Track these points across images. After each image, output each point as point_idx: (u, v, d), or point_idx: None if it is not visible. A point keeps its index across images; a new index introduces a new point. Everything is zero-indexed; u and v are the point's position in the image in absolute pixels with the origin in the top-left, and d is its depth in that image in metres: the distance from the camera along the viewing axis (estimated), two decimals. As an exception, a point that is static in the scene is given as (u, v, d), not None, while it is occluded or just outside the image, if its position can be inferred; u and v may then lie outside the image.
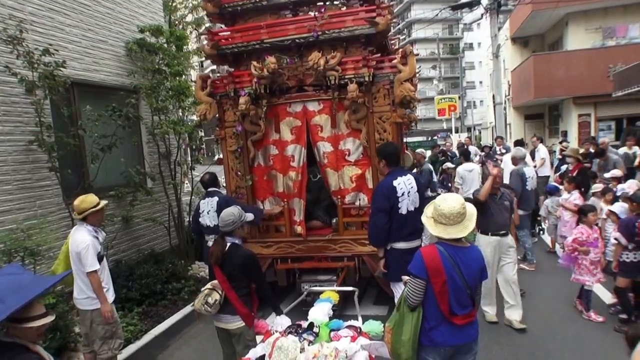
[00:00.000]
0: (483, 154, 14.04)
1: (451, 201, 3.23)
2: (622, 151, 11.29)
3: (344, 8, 6.12)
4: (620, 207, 6.27)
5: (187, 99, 8.51)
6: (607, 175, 8.66)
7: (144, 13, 8.66)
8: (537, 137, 12.95)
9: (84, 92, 7.07)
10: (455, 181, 9.85)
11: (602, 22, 19.97)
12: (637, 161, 10.67)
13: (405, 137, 9.51)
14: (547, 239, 9.39)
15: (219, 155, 7.70)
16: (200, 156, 11.25)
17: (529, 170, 8.02)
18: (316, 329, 3.52)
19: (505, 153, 12.70)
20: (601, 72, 17.83)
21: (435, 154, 13.77)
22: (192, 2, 15.75)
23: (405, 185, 4.86)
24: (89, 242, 4.36)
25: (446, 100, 24.46)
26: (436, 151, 14.23)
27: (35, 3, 6.27)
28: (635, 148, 11.17)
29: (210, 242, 5.65)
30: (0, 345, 2.44)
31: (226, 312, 4.00)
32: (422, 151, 11.01)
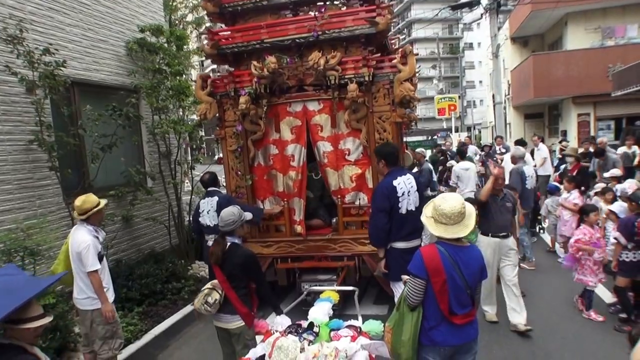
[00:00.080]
0: (483, 153, 14.05)
1: (452, 201, 3.23)
2: (622, 150, 11.31)
3: (344, 8, 6.14)
4: (619, 207, 6.28)
5: (188, 99, 8.51)
6: (607, 174, 8.68)
7: (145, 12, 8.65)
8: (539, 137, 12.96)
9: (84, 92, 7.07)
10: (451, 180, 9.84)
11: (601, 22, 20.03)
12: (637, 160, 10.69)
13: (405, 137, 9.51)
14: (547, 239, 9.40)
15: (219, 154, 7.71)
16: (200, 155, 11.26)
17: (529, 169, 8.04)
18: (316, 329, 3.52)
19: (505, 152, 12.72)
20: (600, 72, 17.86)
21: (435, 154, 13.80)
22: (193, 2, 15.74)
23: (405, 184, 4.86)
24: (90, 242, 4.35)
25: (446, 99, 24.47)
26: (437, 151, 14.27)
27: (35, 2, 6.26)
28: (634, 147, 11.19)
29: (210, 242, 5.64)
30: None
31: (226, 312, 4.01)
32: (422, 150, 11.03)
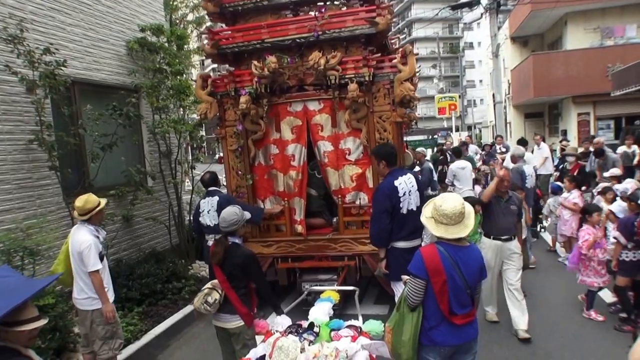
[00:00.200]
0: (484, 153, 14.07)
1: (452, 201, 3.23)
2: (622, 150, 11.33)
3: (344, 8, 6.14)
4: (618, 207, 6.28)
5: (188, 98, 8.51)
6: (607, 174, 8.69)
7: (145, 12, 8.66)
8: (540, 136, 13.00)
9: (85, 91, 7.07)
10: (447, 179, 9.87)
11: (601, 22, 20.09)
12: (636, 160, 10.69)
13: (405, 136, 9.52)
14: (548, 238, 9.40)
15: (220, 153, 7.72)
16: (200, 155, 11.26)
17: (528, 168, 8.06)
18: (316, 329, 3.52)
19: (505, 152, 12.75)
20: (600, 72, 17.88)
21: (435, 153, 13.82)
22: (193, 1, 15.74)
23: (406, 184, 4.87)
24: (91, 242, 4.35)
25: (446, 99, 24.47)
26: (437, 150, 14.29)
27: (36, 2, 6.26)
28: (634, 147, 11.19)
29: (210, 242, 5.65)
30: None
31: (225, 312, 4.01)
32: (423, 150, 11.04)
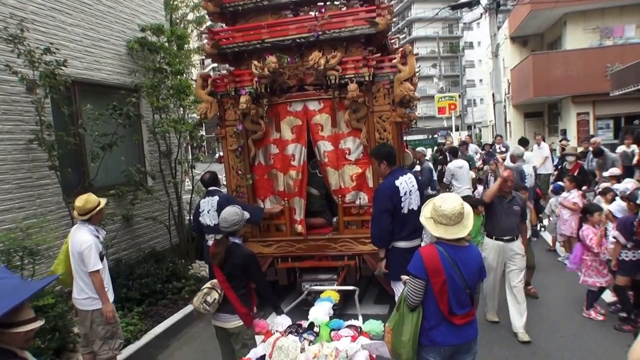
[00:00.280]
0: (484, 152, 14.06)
1: (451, 201, 3.23)
2: (621, 149, 11.35)
3: (344, 8, 6.15)
4: (617, 206, 6.27)
5: (188, 98, 8.52)
6: (606, 173, 8.70)
7: (145, 12, 8.66)
8: (541, 136, 13.04)
9: (85, 91, 7.08)
10: (445, 178, 9.92)
11: (600, 23, 20.15)
12: (636, 159, 10.71)
13: (405, 136, 9.53)
14: (548, 237, 9.41)
15: (220, 153, 7.74)
16: (200, 154, 11.26)
17: (528, 167, 8.08)
18: (316, 329, 3.52)
19: (505, 151, 12.72)
20: (599, 72, 17.90)
21: (434, 152, 13.85)
22: (193, 1, 15.73)
23: (407, 184, 4.87)
24: (92, 242, 4.35)
25: (446, 98, 24.50)
26: (436, 150, 14.32)
27: (37, 2, 6.27)
28: (633, 146, 11.21)
29: (210, 242, 5.65)
30: None
31: (225, 311, 4.02)
32: (423, 150, 11.05)
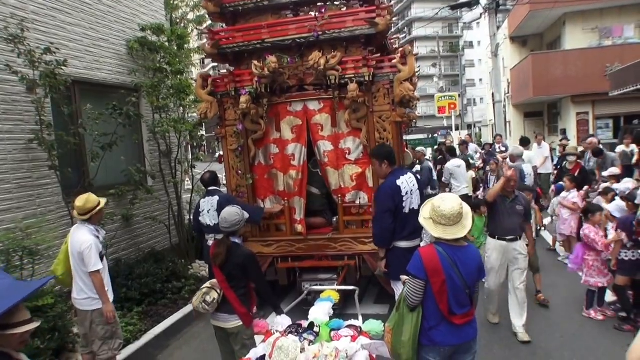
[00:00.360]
0: (484, 152, 14.07)
1: (451, 202, 3.25)
2: (620, 149, 11.36)
3: (344, 9, 6.15)
4: (615, 206, 6.27)
5: (188, 97, 8.52)
6: (605, 173, 8.70)
7: (146, 12, 8.66)
8: (542, 135, 13.07)
9: (85, 91, 7.08)
10: (444, 177, 9.97)
11: (599, 23, 20.19)
12: (635, 159, 10.71)
13: (405, 135, 9.53)
14: (548, 237, 9.41)
15: (220, 152, 7.75)
16: (200, 154, 11.25)
17: (527, 167, 8.10)
18: (316, 329, 3.53)
19: (504, 151, 12.74)
20: (598, 71, 17.89)
21: (434, 152, 13.87)
22: (194, 0, 15.70)
23: (408, 184, 4.88)
24: (92, 242, 4.34)
25: (446, 98, 24.42)
26: (436, 149, 14.34)
27: (37, 2, 6.27)
28: (632, 146, 11.22)
29: (210, 242, 5.65)
30: None
31: (224, 311, 4.02)
32: (422, 149, 11.06)
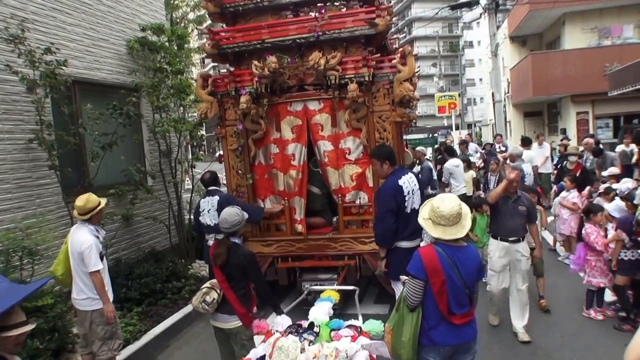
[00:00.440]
0: (484, 151, 14.08)
1: (449, 202, 3.25)
2: (620, 148, 11.38)
3: (344, 9, 6.15)
4: (614, 206, 6.28)
5: (188, 97, 8.52)
6: (605, 173, 8.71)
7: (146, 12, 8.66)
8: (543, 135, 13.12)
9: (85, 91, 7.08)
10: (443, 177, 10.01)
11: (598, 23, 20.20)
12: (635, 158, 10.73)
13: (405, 135, 9.55)
14: (548, 237, 9.40)
15: (220, 151, 7.77)
16: (199, 154, 11.25)
17: (527, 167, 8.11)
18: (316, 329, 3.53)
19: (504, 150, 12.75)
20: (598, 71, 17.88)
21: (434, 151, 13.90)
22: (194, 0, 15.71)
23: (409, 183, 4.90)
24: (92, 242, 4.34)
25: (446, 97, 24.36)
26: (435, 149, 14.36)
27: (37, 2, 6.27)
28: (632, 145, 11.24)
29: (210, 242, 5.66)
30: None
31: (223, 312, 4.03)
32: (422, 149, 11.07)
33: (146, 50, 8.13)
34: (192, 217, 6.82)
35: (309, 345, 3.34)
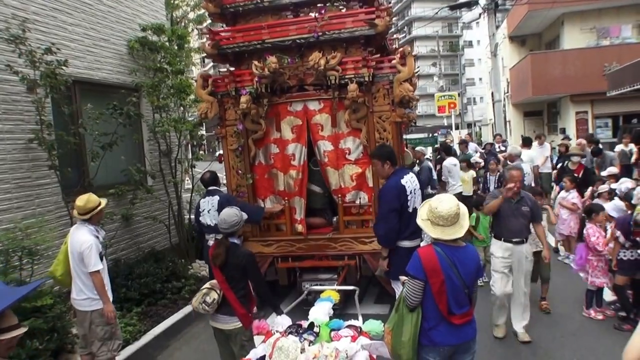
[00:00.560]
0: (484, 151, 14.09)
1: (447, 203, 3.26)
2: (619, 148, 11.40)
3: (344, 10, 6.15)
4: (612, 205, 6.28)
5: (188, 97, 8.52)
6: (604, 172, 8.72)
7: (146, 12, 8.66)
8: (544, 136, 13.16)
9: (86, 91, 7.08)
10: (443, 176, 10.11)
11: (597, 23, 20.25)
12: (634, 158, 10.75)
13: (405, 134, 9.56)
14: (549, 236, 9.37)
15: (220, 151, 7.77)
16: (199, 154, 11.25)
17: (526, 166, 8.13)
18: (316, 329, 3.53)
19: (504, 150, 12.77)
20: (597, 71, 17.90)
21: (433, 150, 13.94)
22: (194, 0, 15.73)
23: (411, 183, 4.91)
24: (92, 242, 4.34)
25: (446, 97, 24.38)
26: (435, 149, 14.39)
27: (39, 2, 6.27)
28: (631, 145, 11.26)
29: (210, 242, 5.66)
30: None
31: (223, 313, 4.03)
32: (422, 149, 11.09)
33: (146, 50, 8.13)
34: (194, 218, 6.81)
35: (309, 345, 3.34)
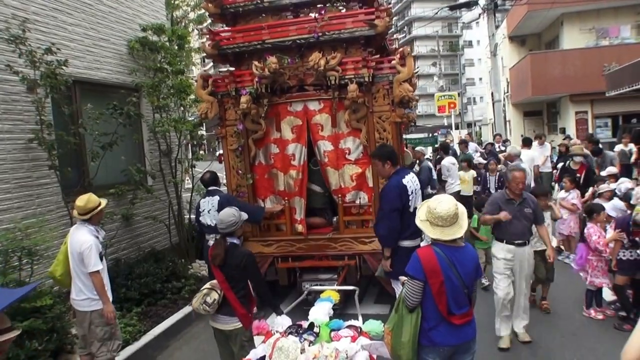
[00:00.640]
0: (485, 151, 14.10)
1: (446, 203, 3.27)
2: (619, 148, 11.40)
3: (344, 10, 6.15)
4: (611, 205, 6.28)
5: (188, 97, 8.52)
6: (604, 172, 8.73)
7: (147, 12, 8.66)
8: (544, 136, 13.21)
9: (86, 90, 7.07)
10: (442, 175, 10.18)
11: (596, 23, 20.34)
12: (634, 157, 10.76)
13: (405, 134, 9.57)
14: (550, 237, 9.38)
15: (220, 151, 7.78)
16: (199, 154, 11.26)
17: (525, 166, 8.12)
18: (316, 329, 3.53)
19: (504, 150, 12.79)
20: (597, 71, 17.90)
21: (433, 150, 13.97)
22: (195, 0, 15.72)
23: (412, 183, 4.93)
24: (92, 242, 4.33)
25: (446, 97, 24.38)
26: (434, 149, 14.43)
27: (38, 2, 6.27)
28: (630, 145, 11.27)
29: (211, 242, 5.66)
30: None
31: (224, 313, 4.03)
32: (422, 149, 11.11)
33: (147, 50, 8.13)
34: (195, 218, 6.81)
35: (309, 345, 3.34)
